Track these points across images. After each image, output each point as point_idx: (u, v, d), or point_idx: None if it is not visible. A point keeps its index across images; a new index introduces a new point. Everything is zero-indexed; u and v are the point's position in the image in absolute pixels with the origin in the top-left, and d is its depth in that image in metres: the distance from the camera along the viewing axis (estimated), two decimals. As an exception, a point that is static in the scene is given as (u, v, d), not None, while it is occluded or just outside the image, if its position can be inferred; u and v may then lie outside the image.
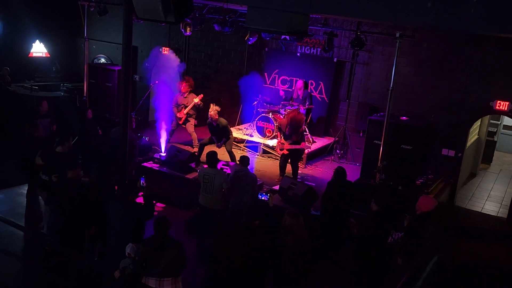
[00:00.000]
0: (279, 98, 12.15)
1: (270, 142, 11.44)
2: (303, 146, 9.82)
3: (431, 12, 5.97)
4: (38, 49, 14.75)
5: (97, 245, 6.48)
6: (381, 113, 10.32)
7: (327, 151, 12.14)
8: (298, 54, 12.77)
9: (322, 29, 11.01)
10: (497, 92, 10.00)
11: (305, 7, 6.32)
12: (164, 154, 10.05)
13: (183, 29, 11.46)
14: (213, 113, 10.08)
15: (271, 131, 11.48)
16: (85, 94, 12.64)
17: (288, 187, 8.40)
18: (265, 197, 7.24)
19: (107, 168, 6.93)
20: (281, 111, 11.65)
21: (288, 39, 12.01)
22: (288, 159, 9.90)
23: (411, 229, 6.21)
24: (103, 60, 15.45)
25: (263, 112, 11.75)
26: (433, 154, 10.74)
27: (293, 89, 12.26)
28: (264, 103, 12.07)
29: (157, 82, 11.43)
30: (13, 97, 12.80)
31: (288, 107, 11.60)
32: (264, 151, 11.69)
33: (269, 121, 11.53)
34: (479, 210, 10.50)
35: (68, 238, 6.06)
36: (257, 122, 11.76)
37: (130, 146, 7.16)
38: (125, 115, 6.23)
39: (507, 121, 14.50)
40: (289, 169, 9.94)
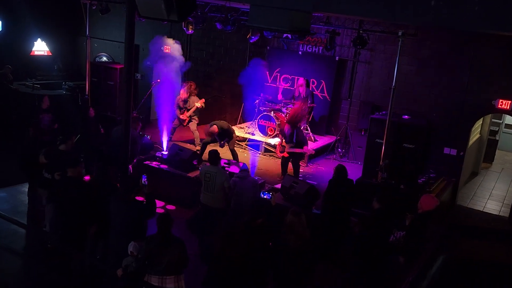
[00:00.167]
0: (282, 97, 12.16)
1: (272, 141, 11.44)
2: (305, 150, 9.79)
3: (433, 11, 5.96)
4: (40, 48, 14.76)
5: (100, 244, 6.48)
6: (383, 112, 10.31)
7: (329, 150, 12.14)
8: (300, 53, 12.75)
9: (324, 28, 11.01)
10: (499, 91, 9.99)
11: (308, 6, 6.31)
12: (166, 153, 10.06)
13: (185, 28, 11.45)
14: (213, 129, 10.06)
15: (273, 130, 11.48)
16: (87, 93, 12.64)
17: (290, 186, 8.40)
18: (268, 196, 7.24)
19: (108, 167, 6.93)
20: (283, 110, 11.64)
21: (290, 38, 11.96)
22: (290, 159, 9.91)
23: (413, 228, 6.20)
24: (105, 59, 15.46)
25: (265, 111, 11.75)
26: (435, 153, 10.74)
27: (295, 88, 12.25)
28: (266, 102, 12.07)
29: (159, 81, 11.44)
30: (15, 96, 12.82)
31: (290, 106, 11.60)
32: (266, 150, 11.70)
33: (271, 120, 11.52)
34: (481, 209, 10.49)
35: (69, 237, 6.07)
36: (259, 121, 11.76)
37: (132, 145, 7.18)
38: (127, 114, 6.24)
39: (509, 120, 14.47)
40: (291, 168, 9.95)
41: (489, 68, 10.11)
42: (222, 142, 10.34)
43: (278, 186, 8.92)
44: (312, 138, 11.85)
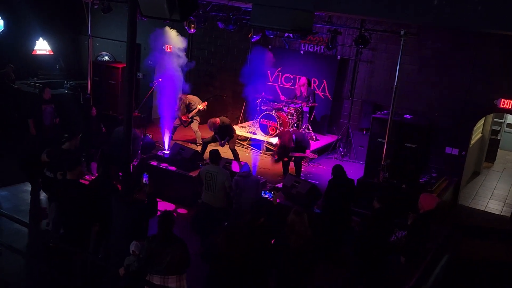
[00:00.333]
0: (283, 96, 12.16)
1: (273, 140, 11.43)
2: (307, 155, 9.81)
3: (435, 10, 5.96)
4: (42, 47, 14.77)
5: (102, 243, 6.49)
6: (385, 111, 10.30)
7: (330, 149, 12.14)
8: (302, 52, 12.74)
9: (326, 27, 11.00)
10: (501, 90, 9.98)
11: (310, 5, 6.31)
12: (168, 152, 10.06)
13: (187, 27, 11.45)
14: (215, 120, 10.08)
15: (274, 129, 11.48)
16: (89, 92, 12.65)
17: (292, 185, 8.41)
18: (269, 195, 7.24)
19: (110, 167, 6.93)
20: (285, 109, 11.64)
21: (292, 37, 11.97)
22: (292, 158, 9.90)
23: (415, 228, 6.20)
24: (106, 58, 15.48)
25: (266, 110, 11.75)
26: (437, 153, 10.73)
27: (296, 87, 12.24)
28: (268, 101, 12.06)
29: (161, 80, 11.43)
30: (17, 95, 12.83)
31: (292, 105, 11.60)
32: (268, 149, 11.69)
33: (272, 119, 11.52)
34: (483, 209, 10.48)
35: (70, 237, 6.07)
36: (260, 120, 11.76)
37: (132, 144, 7.17)
38: (129, 113, 6.22)
39: (511, 119, 14.47)
40: (292, 167, 9.95)
41: (491, 68, 10.09)
42: (223, 142, 10.35)
43: (280, 186, 8.93)
44: (314, 138, 11.84)
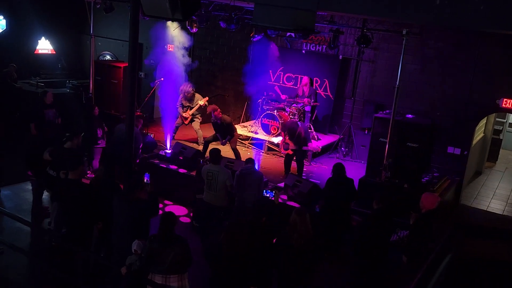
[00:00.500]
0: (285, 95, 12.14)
1: (275, 140, 11.44)
2: (310, 148, 9.79)
3: (436, 10, 5.95)
4: (44, 46, 14.80)
5: (105, 242, 6.50)
6: (387, 111, 10.29)
7: (332, 149, 12.13)
8: (303, 51, 12.73)
9: (328, 26, 10.98)
10: (503, 90, 9.96)
11: (312, 4, 6.32)
12: (169, 151, 10.07)
13: (189, 26, 11.45)
14: (216, 113, 10.10)
15: (276, 129, 11.48)
16: (91, 91, 12.67)
17: (293, 184, 8.41)
18: (271, 194, 7.24)
19: (111, 166, 6.94)
20: (286, 109, 11.63)
21: (294, 36, 11.95)
22: (293, 157, 9.90)
23: (417, 227, 6.19)
24: (108, 57, 15.49)
25: (268, 110, 11.74)
26: (439, 152, 10.72)
27: (298, 87, 12.23)
28: (269, 100, 12.06)
29: (162, 79, 11.45)
30: (19, 94, 12.85)
31: (294, 105, 11.59)
32: (269, 149, 11.69)
33: (274, 119, 11.52)
34: (485, 209, 10.47)
35: (72, 236, 6.08)
36: (262, 120, 11.76)
37: (134, 143, 7.18)
38: (131, 112, 6.24)
39: (513, 119, 14.46)
40: (294, 167, 9.95)
41: (494, 67, 10.08)
42: (224, 140, 10.35)
43: (282, 185, 8.93)
44: (316, 137, 11.83)
